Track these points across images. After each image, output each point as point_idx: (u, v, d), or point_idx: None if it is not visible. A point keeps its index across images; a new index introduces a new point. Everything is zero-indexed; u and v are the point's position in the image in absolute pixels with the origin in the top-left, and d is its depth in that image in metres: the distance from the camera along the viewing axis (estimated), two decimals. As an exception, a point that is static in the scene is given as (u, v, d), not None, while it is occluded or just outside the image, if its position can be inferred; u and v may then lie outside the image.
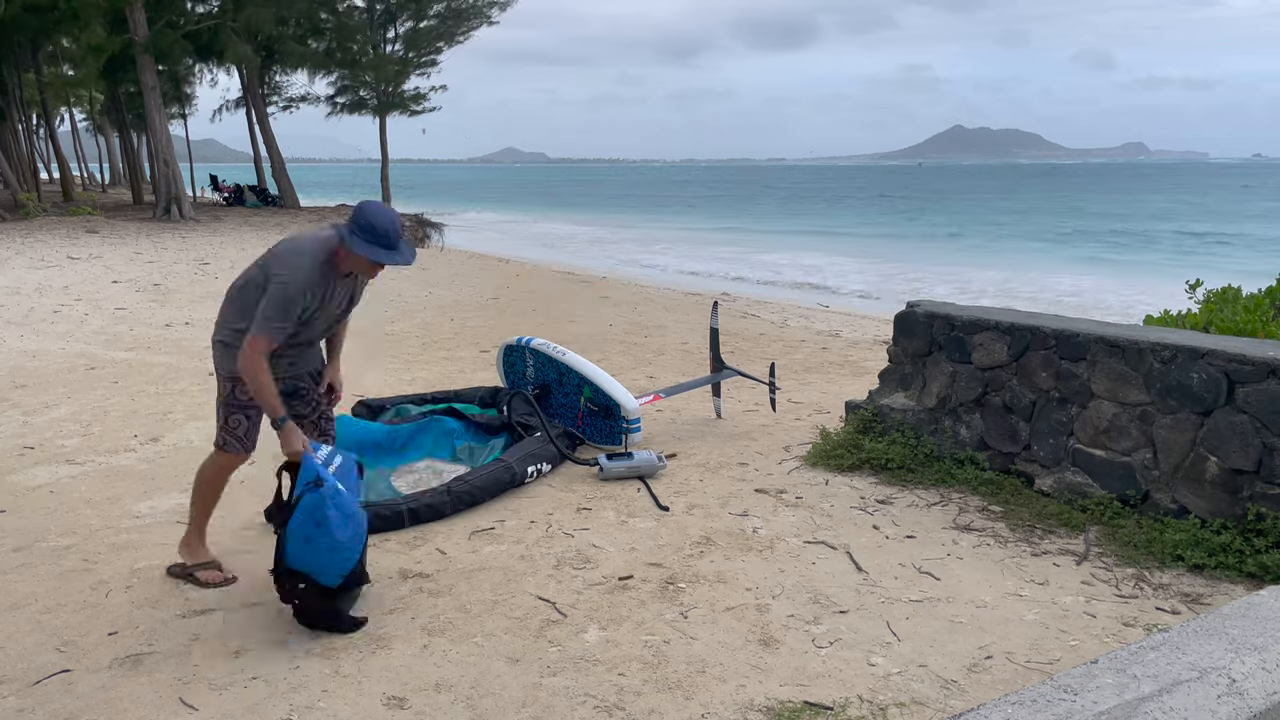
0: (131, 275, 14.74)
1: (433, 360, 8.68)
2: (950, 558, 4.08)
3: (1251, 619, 1.60)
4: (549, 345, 6.03)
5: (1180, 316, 5.38)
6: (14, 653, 3.26)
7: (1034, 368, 4.64)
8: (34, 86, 32.92)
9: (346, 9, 32.24)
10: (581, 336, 9.89)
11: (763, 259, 25.75)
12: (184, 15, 28.09)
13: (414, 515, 4.46)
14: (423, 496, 4.57)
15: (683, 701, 2.95)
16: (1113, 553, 4.04)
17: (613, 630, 3.41)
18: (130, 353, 8.87)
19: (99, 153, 57.41)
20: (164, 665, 3.17)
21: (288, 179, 34.03)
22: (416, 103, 34.48)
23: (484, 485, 4.74)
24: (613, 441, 5.66)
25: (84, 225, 23.28)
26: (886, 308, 13.26)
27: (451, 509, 4.56)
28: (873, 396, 5.57)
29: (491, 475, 4.82)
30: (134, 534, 4.37)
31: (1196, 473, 4.01)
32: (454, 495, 4.59)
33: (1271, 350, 3.85)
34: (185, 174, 32.88)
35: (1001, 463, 4.85)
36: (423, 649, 3.28)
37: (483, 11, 33.51)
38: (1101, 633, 3.40)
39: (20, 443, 5.88)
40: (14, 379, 7.68)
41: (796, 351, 9.41)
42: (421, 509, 4.48)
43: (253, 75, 32.70)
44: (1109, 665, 1.44)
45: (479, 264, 19.94)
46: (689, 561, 4.03)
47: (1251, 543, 3.75)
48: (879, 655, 3.24)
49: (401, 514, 4.43)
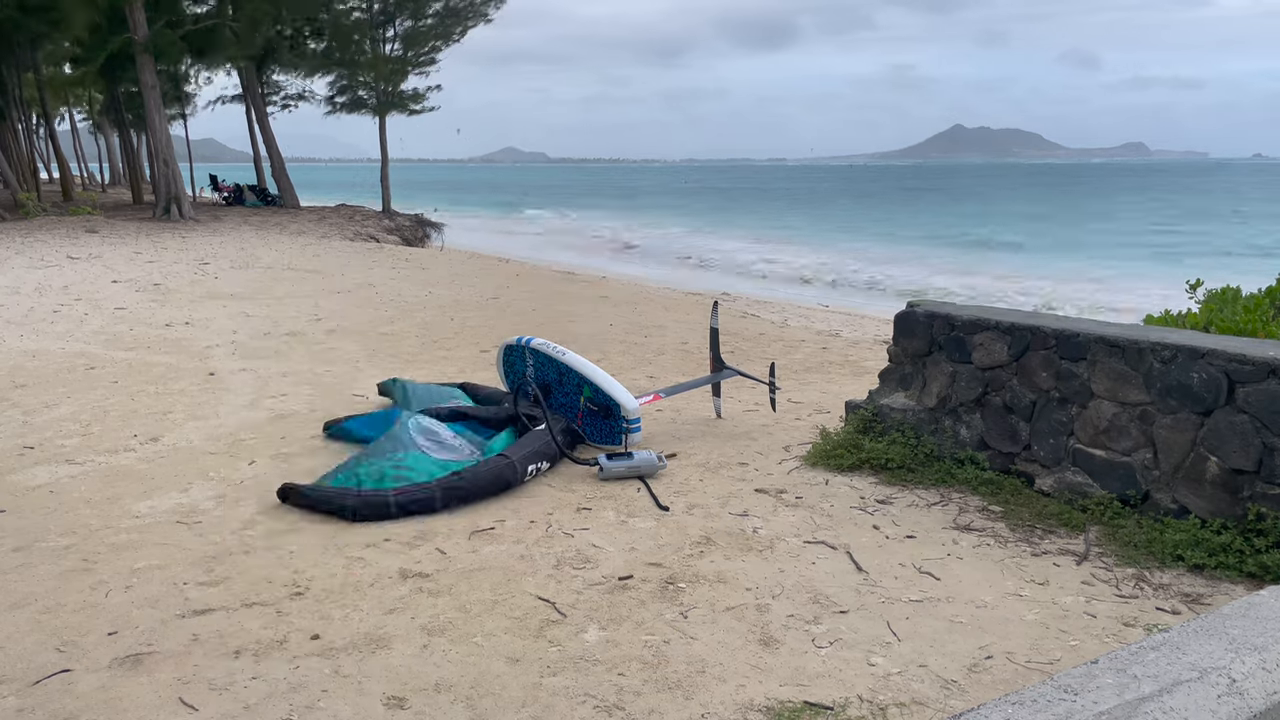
0: (131, 275, 14.74)
1: (433, 360, 8.68)
2: (950, 558, 4.08)
3: (1251, 619, 1.60)
4: (549, 345, 6.03)
5: (1180, 316, 5.38)
6: (14, 653, 3.26)
7: (1034, 368, 4.64)
8: (34, 86, 32.93)
9: (345, 9, 32.23)
10: (581, 336, 9.89)
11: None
12: (183, 15, 28.10)
13: (401, 508, 4.49)
14: (414, 490, 4.59)
15: (683, 701, 2.95)
16: (1113, 553, 4.04)
17: (613, 630, 3.41)
18: (130, 352, 8.87)
19: (99, 152, 57.38)
20: (164, 665, 3.17)
21: (287, 178, 34.04)
22: (415, 102, 34.47)
23: (484, 483, 4.74)
24: (613, 441, 5.66)
25: (84, 225, 23.28)
26: (887, 307, 13.25)
27: (442, 504, 4.58)
28: (873, 396, 5.57)
29: (494, 471, 4.82)
30: (134, 534, 4.37)
31: (1196, 473, 4.00)
32: (445, 490, 4.61)
33: (1271, 350, 3.85)
34: (185, 174, 32.86)
35: (1001, 463, 4.85)
36: (423, 649, 3.28)
37: (480, 10, 33.50)
38: (1101, 633, 3.40)
39: (20, 443, 5.88)
40: (14, 379, 7.68)
41: (796, 351, 9.42)
42: (410, 503, 4.51)
43: (251, 74, 32.71)
44: (1109, 665, 1.44)
45: (479, 264, 19.94)
46: (689, 561, 4.03)
47: (1251, 543, 3.75)
48: (879, 655, 3.24)
49: (389, 504, 4.48)
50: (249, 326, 10.40)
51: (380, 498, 4.52)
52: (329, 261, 17.75)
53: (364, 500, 4.50)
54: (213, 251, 18.59)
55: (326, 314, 11.37)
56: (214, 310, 11.53)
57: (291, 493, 4.67)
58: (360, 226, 27.02)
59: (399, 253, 21.11)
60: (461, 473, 4.78)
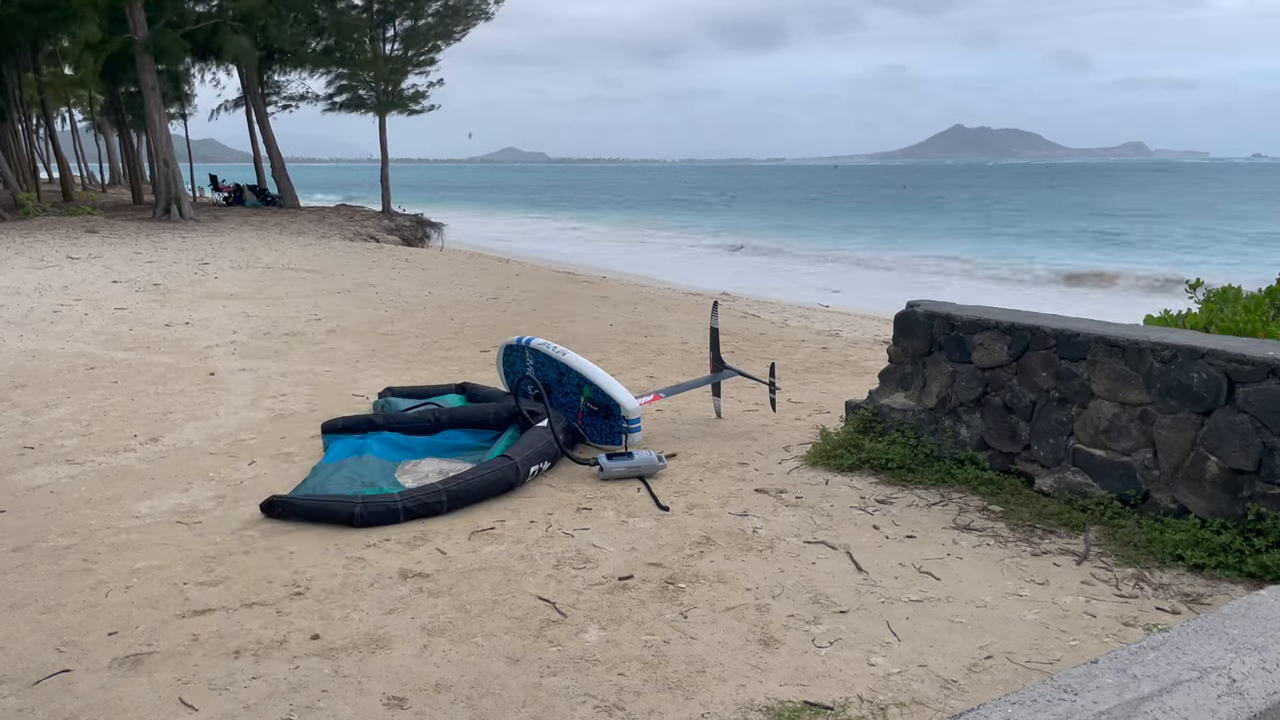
0: (131, 275, 14.74)
1: (433, 360, 8.68)
2: (950, 558, 4.08)
3: (1251, 619, 1.60)
4: (549, 345, 6.03)
5: (1180, 316, 5.37)
6: (14, 653, 3.26)
7: (1034, 367, 4.64)
8: (34, 86, 32.93)
9: (344, 7, 32.22)
10: (581, 336, 9.89)
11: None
12: (183, 15, 28.10)
13: (409, 512, 4.48)
14: (419, 494, 4.58)
15: (683, 701, 2.95)
16: (1113, 553, 4.04)
17: (613, 630, 3.41)
18: (130, 353, 8.87)
19: (99, 153, 57.39)
20: (164, 665, 3.17)
21: (287, 178, 34.05)
22: (415, 101, 34.47)
23: (485, 484, 4.74)
24: (612, 441, 5.66)
25: (84, 225, 23.28)
26: (886, 307, 13.25)
27: (449, 507, 4.57)
28: (873, 396, 5.57)
29: (497, 473, 4.82)
30: (134, 534, 4.37)
31: (1196, 473, 4.00)
32: (451, 495, 4.60)
33: (1271, 350, 3.85)
34: (185, 174, 32.88)
35: (1001, 463, 4.84)
36: (423, 649, 3.28)
37: (480, 9, 33.49)
38: (1101, 633, 3.40)
39: (20, 443, 5.88)
40: (14, 379, 7.68)
41: (796, 351, 9.41)
42: (417, 506, 4.50)
43: (252, 74, 32.70)
44: (1109, 665, 1.44)
45: (479, 264, 19.93)
46: (689, 561, 4.03)
47: (1251, 543, 3.75)
48: (879, 655, 3.24)
49: (397, 510, 4.45)
50: (249, 326, 10.40)
51: (388, 502, 4.50)
52: (329, 261, 17.75)
53: (369, 507, 4.45)
54: (213, 251, 18.59)
55: (326, 314, 11.37)
56: (214, 310, 11.53)
57: (279, 504, 4.53)
58: (360, 226, 27.03)
59: (399, 253, 21.11)
60: (465, 475, 4.78)
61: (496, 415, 5.86)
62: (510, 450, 5.09)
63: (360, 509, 4.42)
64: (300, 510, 4.50)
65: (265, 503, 4.57)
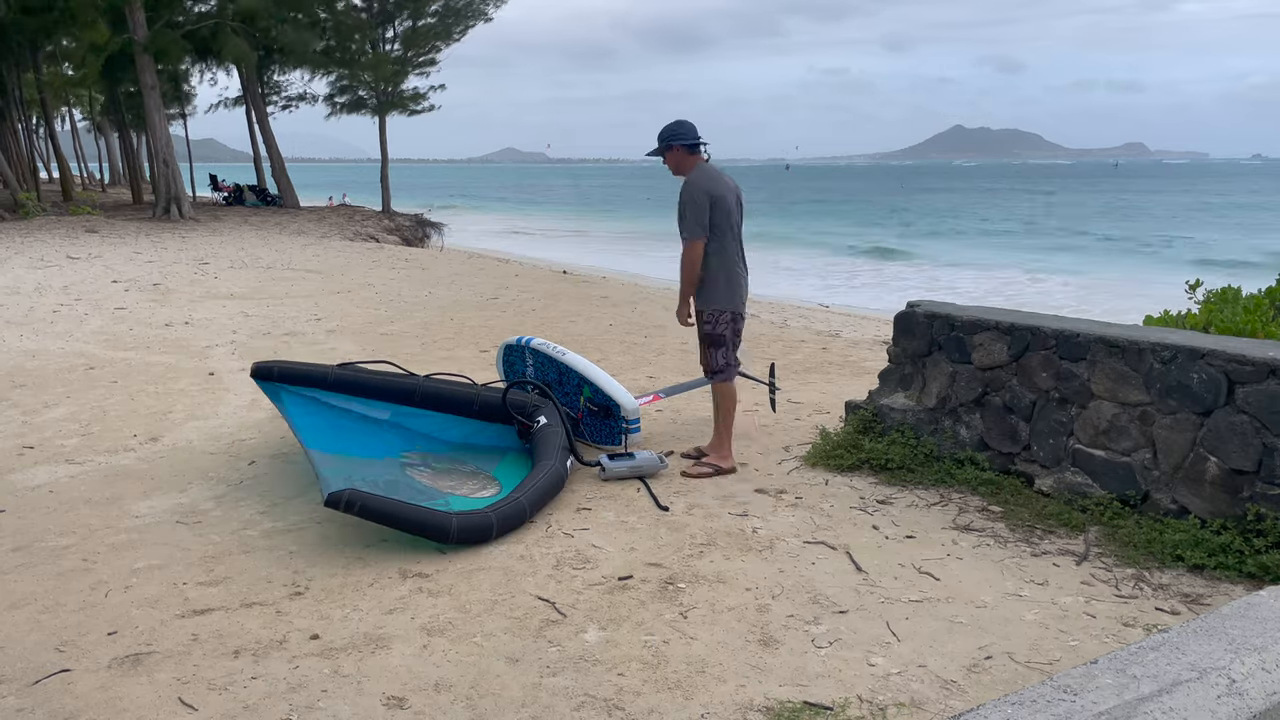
0: (131, 275, 14.74)
1: (433, 360, 8.67)
2: (950, 558, 4.08)
3: (1251, 619, 1.60)
4: (549, 345, 6.02)
5: (1180, 316, 5.38)
6: (14, 653, 3.26)
7: (1034, 368, 4.64)
8: (34, 86, 32.93)
9: (345, 7, 32.22)
10: (581, 336, 9.89)
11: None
12: (183, 15, 28.10)
13: (502, 524, 4.24)
14: (503, 506, 4.33)
15: (683, 701, 2.95)
16: (1113, 553, 4.04)
17: (612, 630, 3.41)
18: (130, 352, 8.87)
19: (99, 152, 57.40)
20: (164, 665, 3.17)
21: (287, 178, 34.04)
22: (415, 102, 34.47)
23: (547, 489, 4.63)
24: (612, 441, 5.65)
25: (83, 225, 23.28)
26: (886, 307, 13.25)
27: (531, 514, 4.43)
28: (873, 396, 5.57)
29: (553, 476, 4.70)
30: (134, 534, 4.37)
31: (1196, 473, 4.00)
32: (531, 505, 4.45)
33: (1271, 350, 3.85)
34: (185, 174, 32.87)
35: (1001, 463, 4.85)
36: (423, 649, 3.28)
37: (480, 9, 33.48)
38: (1101, 633, 3.40)
39: (20, 443, 5.88)
40: (14, 379, 7.68)
41: (796, 351, 9.41)
42: (504, 520, 4.26)
43: (251, 74, 32.70)
44: (1109, 665, 1.44)
45: (479, 264, 19.93)
46: (689, 561, 4.03)
47: (1251, 543, 3.75)
48: (879, 655, 3.24)
49: (491, 525, 4.20)
50: (249, 326, 10.40)
51: (481, 519, 4.18)
52: (329, 261, 17.75)
53: (468, 521, 4.13)
54: (212, 251, 18.59)
55: (326, 314, 11.37)
56: (214, 310, 11.53)
57: (354, 500, 4.00)
58: (360, 226, 27.04)
59: (399, 253, 21.11)
60: (525, 485, 4.59)
61: (482, 404, 5.61)
62: (541, 458, 4.89)
63: (457, 522, 4.09)
64: (376, 512, 4.04)
65: (332, 496, 3.98)
